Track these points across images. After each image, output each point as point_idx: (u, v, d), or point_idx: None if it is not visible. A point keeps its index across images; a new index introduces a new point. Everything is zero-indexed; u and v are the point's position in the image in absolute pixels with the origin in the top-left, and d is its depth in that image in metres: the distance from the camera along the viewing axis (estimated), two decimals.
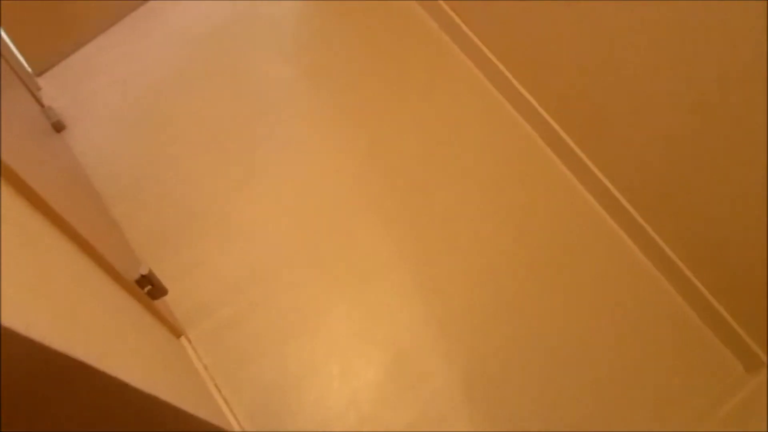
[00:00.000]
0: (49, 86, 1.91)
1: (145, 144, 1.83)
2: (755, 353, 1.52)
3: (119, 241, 1.58)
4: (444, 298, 1.64)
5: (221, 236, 1.72)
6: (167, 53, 1.95)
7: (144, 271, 1.29)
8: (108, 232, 1.52)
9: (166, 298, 1.54)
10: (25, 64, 1.88)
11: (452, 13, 1.83)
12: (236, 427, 1.51)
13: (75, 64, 1.94)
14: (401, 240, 1.70)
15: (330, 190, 1.76)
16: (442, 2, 1.85)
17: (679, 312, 1.62)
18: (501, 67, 1.76)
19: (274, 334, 1.63)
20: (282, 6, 2.01)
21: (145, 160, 1.81)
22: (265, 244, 1.71)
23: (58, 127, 1.82)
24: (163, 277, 1.67)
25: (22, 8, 1.74)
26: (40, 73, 1.92)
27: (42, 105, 1.84)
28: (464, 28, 1.81)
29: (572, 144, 1.68)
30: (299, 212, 1.74)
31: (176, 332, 1.55)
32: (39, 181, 1.04)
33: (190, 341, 1.61)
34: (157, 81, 1.91)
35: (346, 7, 1.99)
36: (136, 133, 1.85)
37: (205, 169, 1.80)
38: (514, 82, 1.75)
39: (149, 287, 1.33)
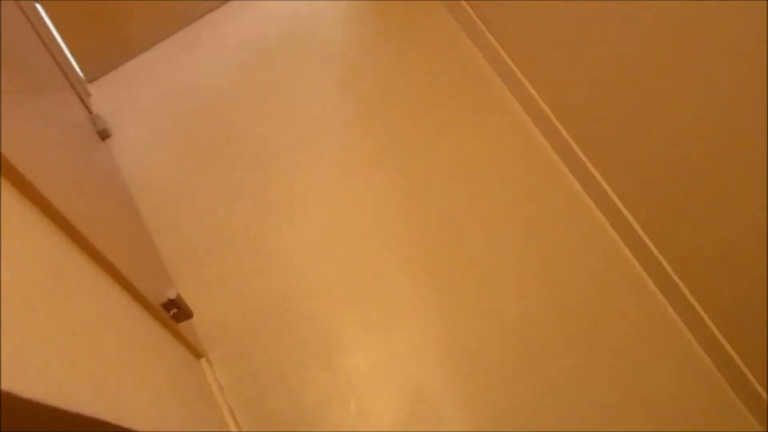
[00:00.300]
0: (98, 93, 1.94)
1: (187, 159, 1.85)
2: None
3: (150, 257, 1.59)
4: (469, 346, 1.61)
5: (251, 259, 1.72)
6: (218, 70, 1.97)
7: (172, 296, 1.29)
8: (140, 247, 1.53)
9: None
10: (78, 70, 1.91)
11: (505, 55, 1.81)
12: None
13: (127, 73, 1.98)
14: (431, 282, 1.68)
15: (364, 225, 1.74)
16: (497, 45, 1.83)
17: (719, 390, 1.56)
18: (554, 119, 1.73)
19: (295, 363, 1.62)
20: (339, 32, 2.01)
21: (186, 176, 1.83)
22: (294, 271, 1.70)
23: (104, 135, 1.85)
24: (190, 295, 1.68)
25: (79, 15, 1.78)
26: (91, 80, 1.95)
27: (90, 112, 1.87)
28: (518, 73, 1.79)
29: (621, 207, 1.64)
30: (332, 243, 1.73)
31: (197, 354, 1.55)
32: (74, 196, 1.05)
33: (210, 362, 1.61)
34: (205, 97, 1.93)
35: (403, 40, 1.98)
36: (180, 147, 1.86)
37: (243, 190, 1.80)
38: (567, 136, 1.71)
39: (175, 311, 1.33)
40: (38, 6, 1.72)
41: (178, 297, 1.32)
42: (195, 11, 2.02)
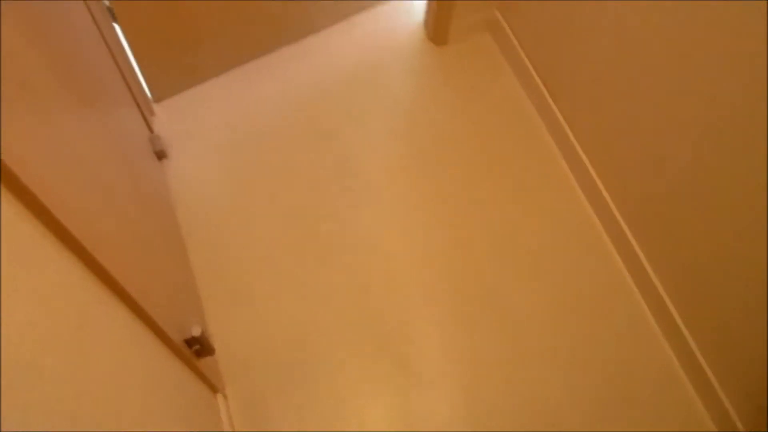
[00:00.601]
0: (162, 114, 1.99)
1: (235, 190, 1.87)
2: None
3: (184, 286, 1.60)
4: (492, 414, 1.56)
5: (282, 299, 1.72)
6: (280, 105, 1.99)
7: (196, 333, 1.29)
8: (175, 275, 1.54)
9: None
10: (146, 89, 1.97)
11: (566, 126, 1.78)
12: None
13: (192, 97, 2.02)
14: (461, 342, 1.64)
15: (401, 280, 1.72)
16: (561, 117, 1.80)
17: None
18: (605, 193, 1.69)
19: (310, 410, 1.59)
20: (403, 83, 2.02)
21: (232, 206, 1.84)
22: (323, 316, 1.69)
23: (161, 155, 1.89)
24: (217, 325, 1.68)
25: (154, 37, 1.83)
26: (158, 100, 2.00)
27: (152, 131, 1.91)
28: (578, 147, 1.76)
29: (663, 294, 1.57)
30: (363, 293, 1.71)
31: (214, 389, 1.54)
32: (111, 221, 1.06)
33: (226, 398, 1.60)
34: (262, 130, 1.95)
35: (465, 98, 1.98)
36: (230, 177, 1.89)
37: (286, 229, 1.81)
38: (617, 214, 1.66)
39: (197, 347, 1.33)
40: (116, 26, 1.78)
41: (202, 334, 1.32)
42: (266, 45, 2.06)
